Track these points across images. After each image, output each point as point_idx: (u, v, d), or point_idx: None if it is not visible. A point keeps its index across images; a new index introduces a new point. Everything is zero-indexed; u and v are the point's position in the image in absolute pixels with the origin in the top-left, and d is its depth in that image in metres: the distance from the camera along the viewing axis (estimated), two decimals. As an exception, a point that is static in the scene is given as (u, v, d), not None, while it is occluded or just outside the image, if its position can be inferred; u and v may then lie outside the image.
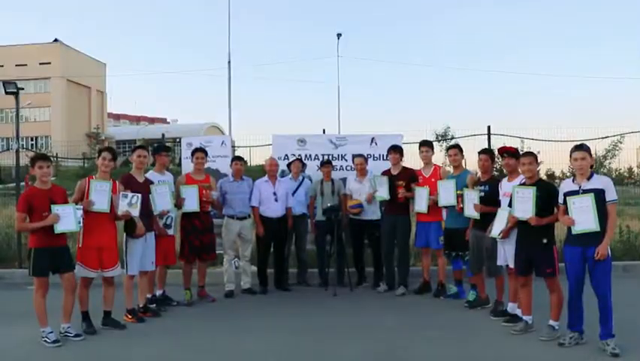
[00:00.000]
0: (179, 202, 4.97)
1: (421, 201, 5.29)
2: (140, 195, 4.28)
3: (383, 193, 5.40)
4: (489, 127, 7.03)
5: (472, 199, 4.62)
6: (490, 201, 4.46)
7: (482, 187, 4.64)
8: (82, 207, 4.05)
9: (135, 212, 4.25)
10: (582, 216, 3.55)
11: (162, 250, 4.87)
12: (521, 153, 4.31)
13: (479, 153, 4.80)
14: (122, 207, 4.22)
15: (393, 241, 5.54)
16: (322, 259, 5.93)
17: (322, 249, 5.92)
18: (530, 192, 3.87)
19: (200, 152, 5.33)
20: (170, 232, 4.95)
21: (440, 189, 5.06)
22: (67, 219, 3.86)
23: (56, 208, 3.85)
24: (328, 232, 5.72)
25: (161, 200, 4.66)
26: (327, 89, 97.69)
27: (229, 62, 19.10)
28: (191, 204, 4.98)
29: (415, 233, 5.50)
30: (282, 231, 5.68)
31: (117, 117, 53.62)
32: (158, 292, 5.11)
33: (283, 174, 6.04)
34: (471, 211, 4.62)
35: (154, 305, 4.86)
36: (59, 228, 3.86)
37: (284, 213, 5.70)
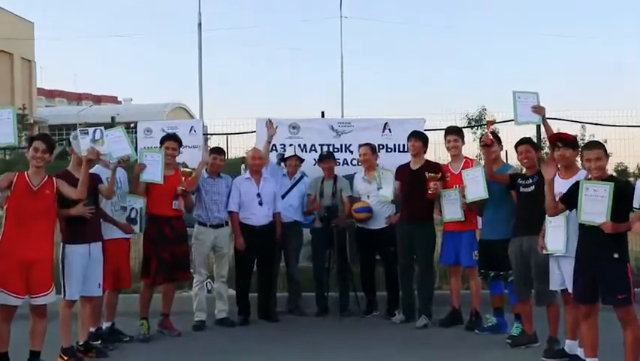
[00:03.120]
0: (136, 169, 4.96)
1: (451, 207, 5.24)
2: (102, 128, 4.35)
3: (387, 192, 5.42)
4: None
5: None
6: (541, 201, 4.31)
7: (528, 181, 4.60)
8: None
9: (104, 149, 4.30)
10: None
11: (113, 268, 4.80)
12: (582, 142, 4.33)
13: (517, 144, 4.76)
14: (84, 145, 4.21)
15: (412, 257, 5.51)
16: (321, 279, 5.89)
17: (321, 266, 5.88)
18: (606, 190, 3.72)
19: (171, 140, 5.31)
20: (136, 228, 4.93)
21: (467, 181, 5.04)
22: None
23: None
24: (328, 244, 5.68)
25: (117, 146, 4.62)
26: (327, 62, 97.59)
27: (199, 25, 18.84)
28: (154, 174, 4.95)
29: (441, 246, 5.46)
30: (268, 243, 5.65)
31: (51, 94, 52.36)
32: (106, 325, 5.02)
33: (283, 159, 6.04)
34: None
35: (99, 342, 4.79)
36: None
37: (271, 220, 5.67)
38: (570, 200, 3.94)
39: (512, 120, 4.79)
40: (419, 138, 5.52)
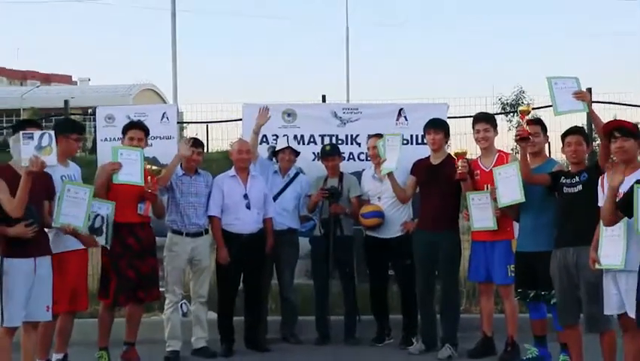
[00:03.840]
0: (108, 168, 5.03)
1: (481, 212, 5.21)
2: (52, 133, 4.31)
3: (391, 163, 5.43)
4: (589, 90, 6.64)
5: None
6: (590, 204, 4.36)
7: (574, 180, 4.61)
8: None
9: (51, 160, 4.25)
10: None
11: (69, 287, 4.79)
12: None
13: (564, 134, 4.76)
14: (26, 153, 4.13)
15: (434, 272, 5.50)
16: (322, 299, 5.87)
17: (322, 284, 5.86)
18: None
19: (136, 129, 5.32)
20: (102, 241, 4.93)
21: (499, 181, 5.03)
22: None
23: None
24: (327, 253, 5.68)
25: (73, 207, 4.64)
26: (328, 35, 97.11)
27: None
28: (132, 174, 5.02)
29: (469, 259, 5.45)
30: (257, 255, 5.64)
31: (-12, 72, 52.66)
32: (56, 357, 4.98)
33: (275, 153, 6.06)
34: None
35: (48, 379, 4.78)
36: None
37: (261, 227, 5.68)
38: (628, 205, 3.89)
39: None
40: (439, 129, 5.50)
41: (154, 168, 5.28)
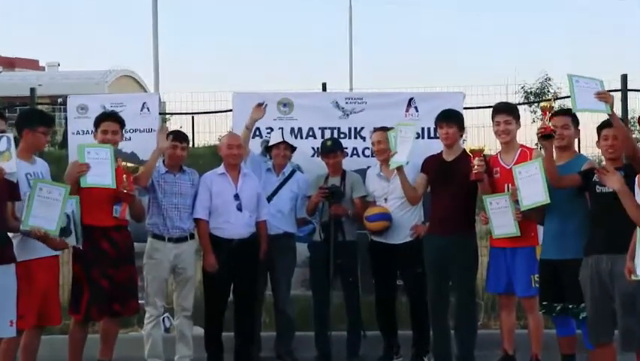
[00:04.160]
0: (75, 170, 5.03)
1: (501, 217, 5.17)
2: (10, 136, 4.40)
3: (402, 156, 5.41)
4: (625, 77, 6.84)
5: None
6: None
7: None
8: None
9: (10, 166, 4.30)
10: None
11: (35, 300, 4.75)
12: None
13: (600, 126, 4.75)
14: None
15: (447, 282, 5.49)
16: (322, 312, 5.81)
17: (321, 294, 5.81)
18: None
19: (110, 120, 5.32)
20: (72, 240, 4.90)
21: (520, 180, 4.98)
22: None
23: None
24: (328, 260, 5.63)
25: (45, 208, 4.61)
26: (329, 13, 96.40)
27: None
28: (102, 176, 5.02)
29: (487, 268, 5.42)
30: (249, 263, 5.61)
31: (-59, 56, 52.72)
32: None
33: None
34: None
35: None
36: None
37: (253, 231, 5.66)
38: None
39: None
40: (452, 122, 5.44)
41: (129, 165, 5.21)
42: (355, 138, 6.36)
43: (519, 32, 74.89)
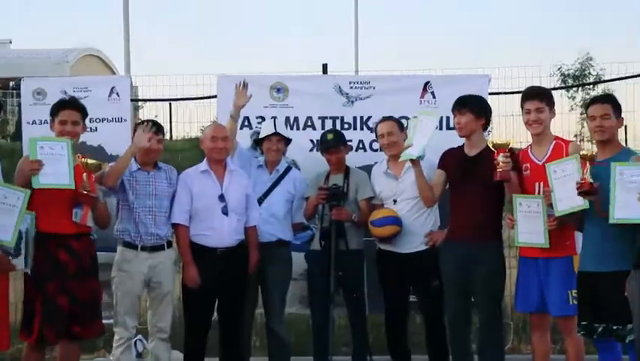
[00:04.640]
0: (29, 168, 4.98)
1: (529, 222, 5.14)
2: None
3: (416, 149, 5.46)
4: None
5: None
6: None
7: None
8: None
9: None
10: None
11: None
12: None
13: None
14: None
15: (469, 298, 5.48)
16: (321, 333, 5.79)
17: (321, 312, 5.79)
18: None
19: (70, 109, 5.31)
20: (19, 263, 4.90)
21: (553, 181, 4.95)
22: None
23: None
24: (328, 272, 5.63)
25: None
26: None
27: None
28: (58, 175, 5.01)
29: (516, 282, 5.38)
30: (236, 276, 5.58)
31: None
32: None
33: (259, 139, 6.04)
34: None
35: None
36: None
37: (241, 238, 5.61)
38: None
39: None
40: (466, 109, 5.40)
41: (90, 161, 5.16)
42: (361, 129, 6.40)
43: (556, 8, 75.37)
